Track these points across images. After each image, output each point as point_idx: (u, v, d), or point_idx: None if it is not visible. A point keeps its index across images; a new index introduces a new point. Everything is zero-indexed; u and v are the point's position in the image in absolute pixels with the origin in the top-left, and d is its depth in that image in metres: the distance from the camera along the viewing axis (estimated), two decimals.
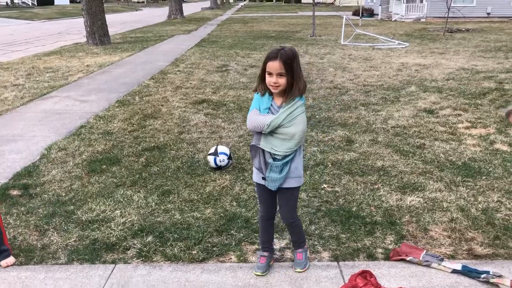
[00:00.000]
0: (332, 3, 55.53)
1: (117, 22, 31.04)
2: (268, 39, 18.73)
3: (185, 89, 8.88)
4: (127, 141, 5.71)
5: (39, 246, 3.35)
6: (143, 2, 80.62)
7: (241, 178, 4.60)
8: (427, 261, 3.06)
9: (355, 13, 32.84)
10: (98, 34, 16.52)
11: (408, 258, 3.11)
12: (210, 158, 4.80)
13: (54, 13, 43.86)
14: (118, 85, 9.40)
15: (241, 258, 3.20)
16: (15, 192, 4.25)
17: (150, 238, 3.42)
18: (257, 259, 3.10)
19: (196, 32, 22.63)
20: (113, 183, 4.45)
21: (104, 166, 4.87)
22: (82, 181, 4.49)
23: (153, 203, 4.03)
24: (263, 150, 2.83)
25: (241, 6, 67.25)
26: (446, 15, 20.93)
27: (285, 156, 2.78)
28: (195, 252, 3.26)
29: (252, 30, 23.62)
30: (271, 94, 2.80)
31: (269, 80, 2.71)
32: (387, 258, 3.18)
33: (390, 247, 3.31)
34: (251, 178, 4.54)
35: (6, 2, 58.80)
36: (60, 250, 3.30)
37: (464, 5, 27.12)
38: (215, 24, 28.82)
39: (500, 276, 2.90)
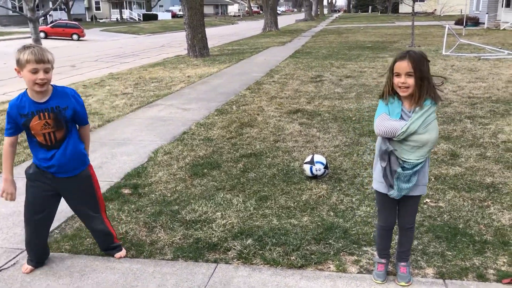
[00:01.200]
0: (433, 13, 53.13)
1: (215, 36, 32.42)
2: (364, 49, 18.41)
3: (279, 99, 9.01)
4: (225, 147, 5.93)
5: (148, 241, 3.58)
6: (239, 16, 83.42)
7: (338, 188, 4.55)
8: None
9: (458, 22, 31.13)
10: (198, 46, 17.37)
11: None
12: (306, 167, 4.81)
13: (157, 28, 46.99)
14: (216, 94, 9.80)
15: (340, 268, 3.16)
16: (126, 191, 4.59)
17: (249, 241, 3.51)
18: (375, 267, 3.06)
19: (290, 44, 22.91)
20: (214, 187, 4.64)
21: (205, 170, 5.09)
22: (186, 183, 4.73)
23: (251, 207, 4.13)
24: (389, 158, 2.74)
25: (336, 17, 66.88)
26: None
27: (416, 165, 2.70)
28: (293, 258, 3.28)
29: (347, 41, 23.38)
30: (399, 99, 2.72)
31: (397, 81, 2.64)
32: (500, 280, 2.95)
33: (503, 268, 3.07)
34: (348, 189, 4.49)
35: (117, 18, 64.22)
36: (166, 246, 3.50)
37: None
38: (309, 35, 28.96)
39: None
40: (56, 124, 2.88)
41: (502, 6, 31.26)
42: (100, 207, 3.25)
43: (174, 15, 74.17)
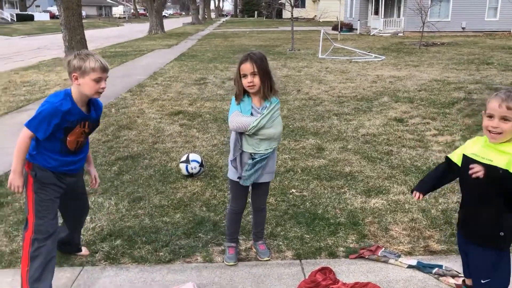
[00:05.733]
0: (313, 19, 56.42)
1: (99, 37, 31.07)
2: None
3: (162, 101, 8.97)
4: (100, 151, 5.77)
5: (7, 251, 3.38)
6: (125, 18, 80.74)
7: (212, 184, 4.70)
8: (385, 256, 3.20)
9: (335, 28, 33.45)
10: (77, 48, 16.51)
11: (366, 256, 3.23)
12: (182, 166, 4.89)
13: (33, 29, 43.66)
14: None
15: (207, 258, 3.29)
16: None
17: (118, 242, 3.49)
18: (226, 252, 3.29)
19: (177, 47, 22.80)
20: None
21: None
22: None
23: (124, 209, 4.10)
24: (241, 152, 2.99)
25: (223, 21, 67.87)
26: (421, 30, 21.53)
27: (264, 155, 2.98)
28: (162, 253, 3.34)
29: (232, 44, 23.89)
30: (249, 96, 2.97)
31: (245, 81, 2.89)
32: (348, 256, 3.30)
33: (351, 245, 3.44)
34: (222, 184, 4.66)
35: None
36: None
37: (440, 20, 27.91)
38: (195, 39, 29.06)
39: (450, 271, 3.04)
40: (89, 133, 2.92)
41: (372, 14, 34.31)
42: None
43: (53, 16, 69.43)
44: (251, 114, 2.95)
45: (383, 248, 3.30)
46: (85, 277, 3.06)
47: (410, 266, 3.11)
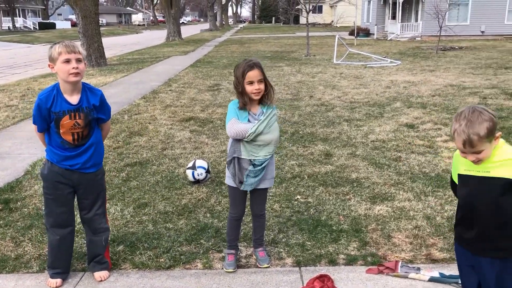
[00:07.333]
0: (330, 24, 56.28)
1: (118, 44, 31.54)
2: (263, 59, 19.03)
3: (174, 107, 9.06)
4: (110, 157, 5.85)
5: (12, 256, 3.46)
6: (144, 25, 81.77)
7: (218, 191, 4.72)
8: (406, 272, 3.07)
9: (351, 33, 33.32)
10: (95, 56, 16.83)
11: (386, 273, 3.10)
12: (188, 172, 4.92)
13: (54, 37, 44.53)
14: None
15: (207, 265, 3.31)
16: None
17: (120, 247, 3.53)
18: (225, 258, 3.30)
19: (193, 53, 23.00)
20: None
21: None
22: None
23: (129, 215, 4.15)
24: (238, 158, 3.01)
25: (240, 27, 68.20)
26: (439, 34, 21.28)
27: (264, 161, 3.01)
28: (162, 260, 3.36)
29: (248, 50, 23.99)
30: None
31: (251, 88, 2.91)
32: (348, 263, 3.28)
33: (353, 253, 3.41)
34: (228, 191, 4.67)
35: (8, 27, 59.87)
36: (33, 259, 3.41)
37: (458, 24, 27.57)
38: (212, 45, 29.26)
39: None
40: (85, 124, 2.90)
41: (389, 19, 34.06)
42: (105, 206, 3.23)
43: (74, 24, 70.79)
44: (248, 120, 2.98)
45: (400, 262, 3.20)
46: (85, 282, 3.10)
47: (432, 279, 3.01)
